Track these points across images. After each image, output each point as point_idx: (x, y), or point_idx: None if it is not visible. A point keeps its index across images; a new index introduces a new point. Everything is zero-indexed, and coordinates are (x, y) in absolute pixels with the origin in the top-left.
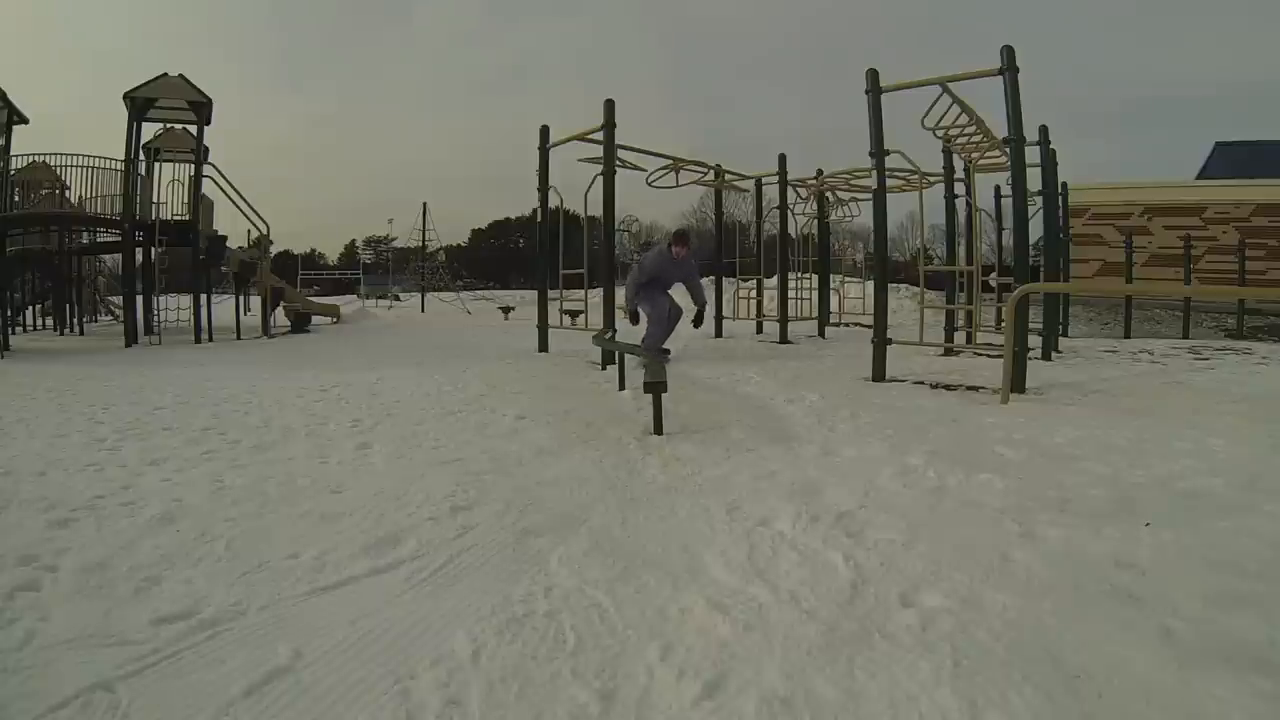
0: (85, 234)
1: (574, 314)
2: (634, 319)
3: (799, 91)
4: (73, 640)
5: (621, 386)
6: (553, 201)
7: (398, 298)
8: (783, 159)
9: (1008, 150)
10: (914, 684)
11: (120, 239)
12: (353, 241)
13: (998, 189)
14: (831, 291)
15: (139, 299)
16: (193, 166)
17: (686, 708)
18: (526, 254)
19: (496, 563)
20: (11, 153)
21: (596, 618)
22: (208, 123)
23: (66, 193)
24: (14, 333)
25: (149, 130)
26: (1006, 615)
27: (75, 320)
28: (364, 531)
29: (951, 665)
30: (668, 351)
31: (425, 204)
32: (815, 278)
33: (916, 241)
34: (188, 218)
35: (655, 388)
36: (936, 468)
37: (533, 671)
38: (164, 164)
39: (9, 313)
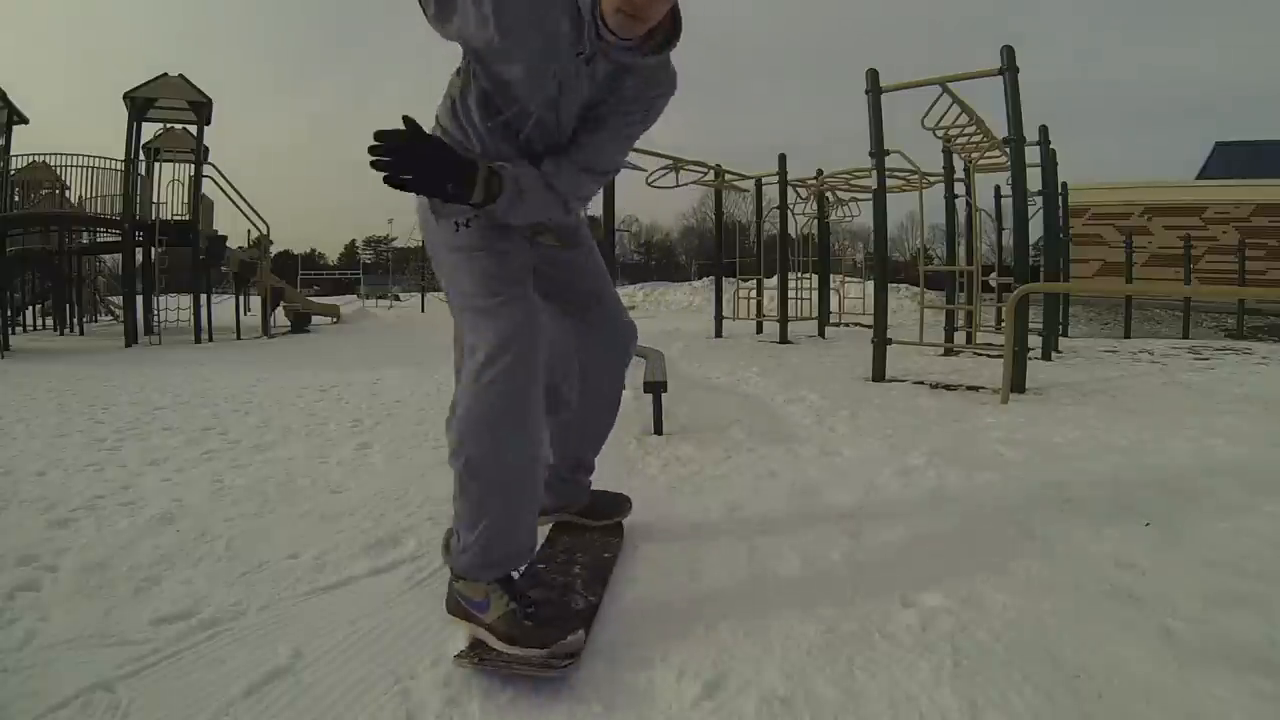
0: (85, 234)
1: None
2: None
3: (799, 91)
4: (73, 640)
5: None
6: None
7: (398, 298)
8: (783, 159)
9: (1008, 150)
10: (914, 684)
11: (120, 239)
12: (353, 241)
13: (998, 189)
14: (831, 291)
15: (139, 299)
16: (193, 166)
17: (686, 708)
18: None
19: None
20: (11, 153)
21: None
22: (208, 123)
23: (66, 193)
24: (14, 333)
25: (149, 130)
26: (1006, 615)
27: (75, 320)
28: (364, 531)
29: (951, 665)
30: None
31: None
32: (815, 278)
33: (916, 241)
34: (188, 218)
35: (655, 387)
36: (936, 468)
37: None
38: (164, 164)
39: (9, 313)
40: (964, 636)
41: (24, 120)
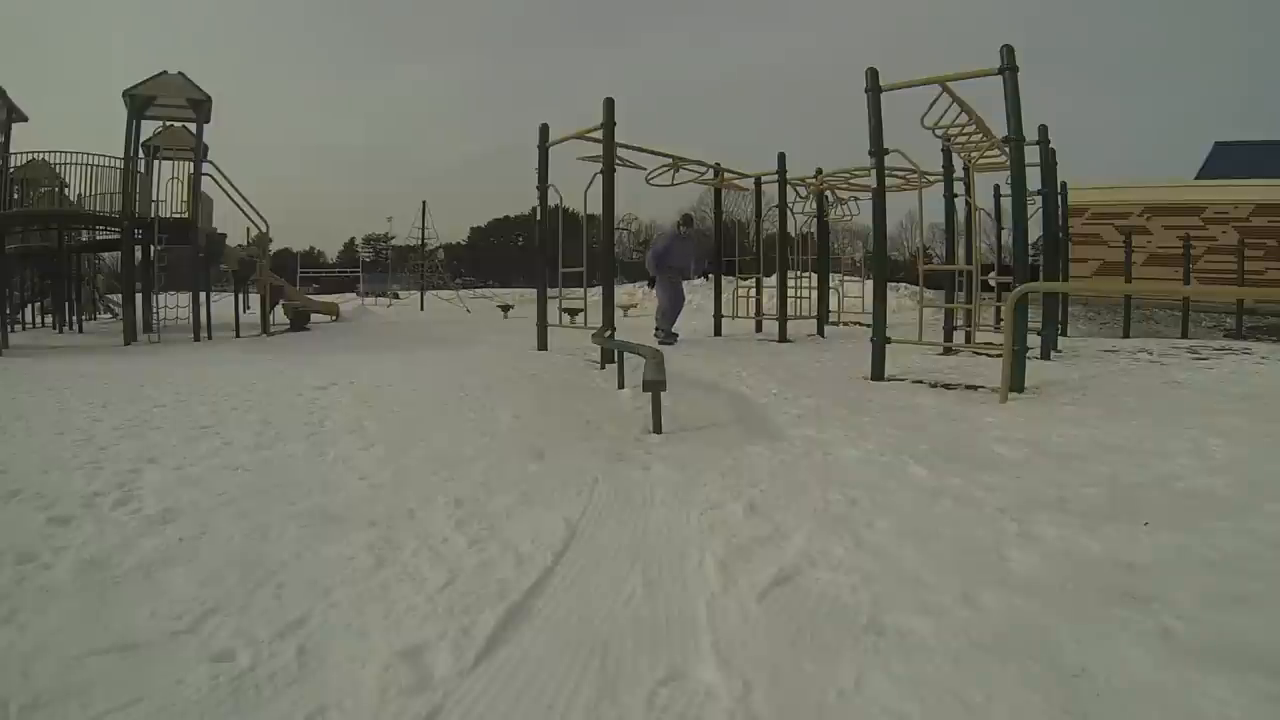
0: (84, 232)
1: (573, 313)
2: (652, 284)
3: (799, 92)
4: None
5: (620, 385)
6: (552, 200)
7: (397, 296)
8: (782, 158)
9: (1007, 150)
10: (914, 684)
11: (119, 237)
12: (352, 240)
13: (997, 189)
14: (831, 290)
15: (138, 297)
16: (192, 164)
17: (688, 707)
18: (526, 253)
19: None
20: (11, 150)
21: (597, 617)
22: (207, 120)
23: (66, 190)
24: (13, 330)
25: (148, 128)
26: (1006, 615)
27: (74, 318)
28: (364, 531)
29: (952, 665)
30: (676, 335)
31: (425, 203)
32: (814, 277)
33: (916, 241)
34: (187, 216)
35: (654, 386)
36: (936, 467)
37: (534, 671)
38: (163, 162)
39: (8, 310)
40: (964, 636)
41: (23, 118)
